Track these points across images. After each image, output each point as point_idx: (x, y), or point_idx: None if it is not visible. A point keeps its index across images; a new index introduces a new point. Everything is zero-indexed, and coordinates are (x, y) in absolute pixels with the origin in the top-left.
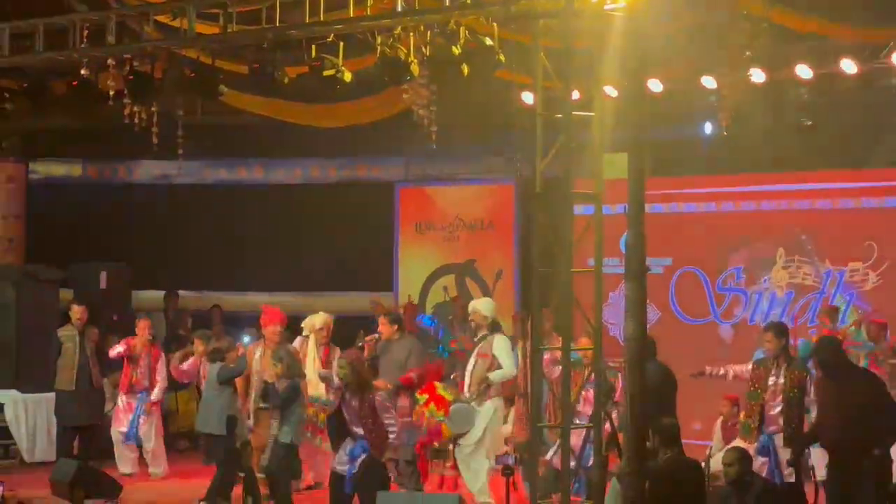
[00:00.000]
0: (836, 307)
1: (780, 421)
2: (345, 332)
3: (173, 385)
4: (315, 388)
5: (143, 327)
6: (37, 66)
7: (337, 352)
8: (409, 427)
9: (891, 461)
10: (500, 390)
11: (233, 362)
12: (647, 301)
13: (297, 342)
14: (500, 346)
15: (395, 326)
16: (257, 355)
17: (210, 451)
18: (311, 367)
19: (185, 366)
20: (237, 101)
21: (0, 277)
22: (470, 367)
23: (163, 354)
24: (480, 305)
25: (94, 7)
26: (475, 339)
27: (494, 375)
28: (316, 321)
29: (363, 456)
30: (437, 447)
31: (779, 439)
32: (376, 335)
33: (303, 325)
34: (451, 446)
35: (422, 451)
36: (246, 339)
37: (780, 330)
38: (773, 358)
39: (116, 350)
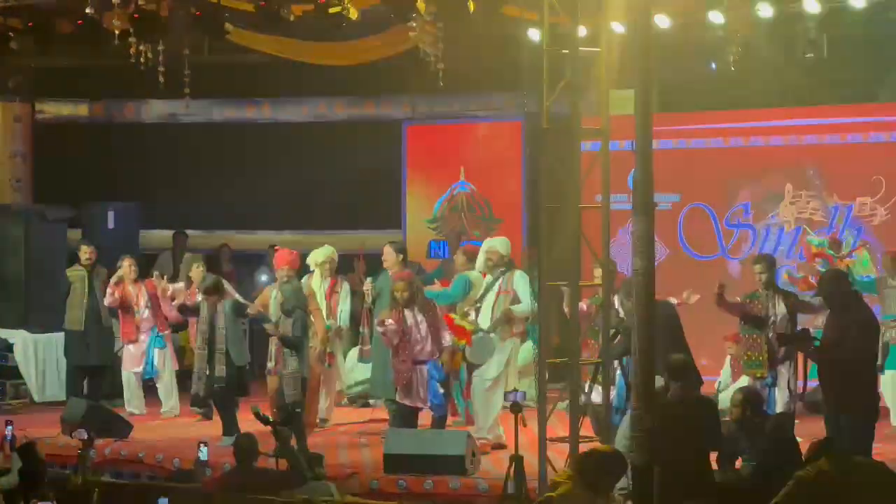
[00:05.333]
0: (838, 239)
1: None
2: (353, 269)
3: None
4: (325, 318)
5: (127, 265)
6: (42, 5)
7: (344, 283)
8: None
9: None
10: (521, 328)
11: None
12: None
13: (305, 278)
14: (520, 281)
15: (400, 256)
16: (273, 295)
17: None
18: (322, 301)
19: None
20: (243, 39)
21: (8, 217)
22: (490, 302)
23: (158, 286)
24: (497, 244)
25: None
26: (493, 277)
27: (517, 308)
28: (318, 255)
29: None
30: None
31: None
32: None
33: (308, 260)
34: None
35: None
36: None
37: (772, 261)
38: (765, 290)
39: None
